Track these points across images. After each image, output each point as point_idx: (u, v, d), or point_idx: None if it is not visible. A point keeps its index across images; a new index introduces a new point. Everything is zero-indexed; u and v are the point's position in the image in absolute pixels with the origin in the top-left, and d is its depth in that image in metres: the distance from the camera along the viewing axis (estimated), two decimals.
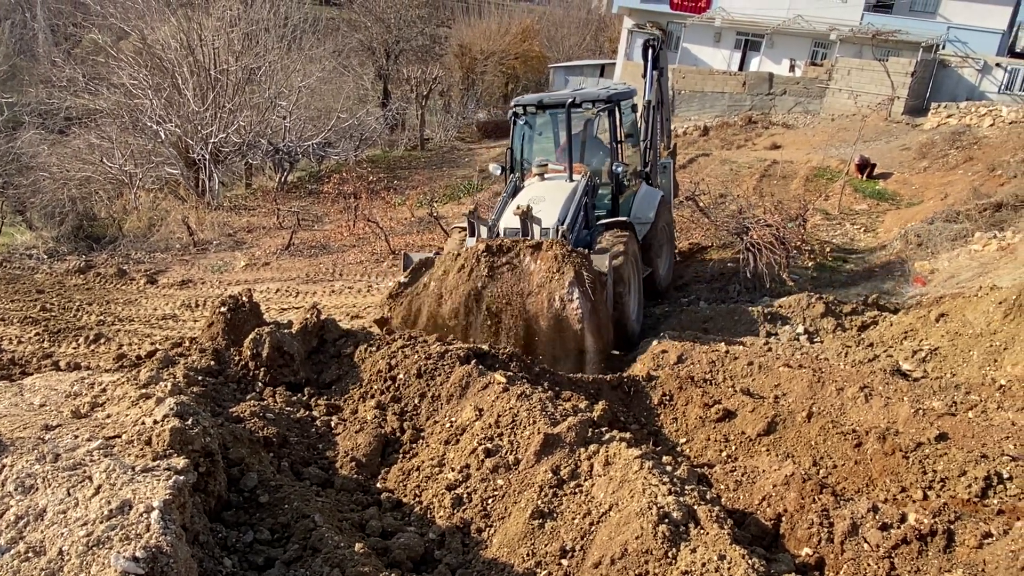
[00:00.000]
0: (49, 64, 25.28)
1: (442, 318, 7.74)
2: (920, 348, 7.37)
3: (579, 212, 8.91)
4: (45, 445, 3.29)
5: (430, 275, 8.16)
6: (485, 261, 7.76)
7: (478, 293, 7.63)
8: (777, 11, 31.12)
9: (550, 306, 7.30)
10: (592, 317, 7.28)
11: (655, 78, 11.46)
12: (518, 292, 7.52)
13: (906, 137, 23.80)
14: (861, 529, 3.79)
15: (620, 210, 9.72)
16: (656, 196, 10.41)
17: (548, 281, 7.42)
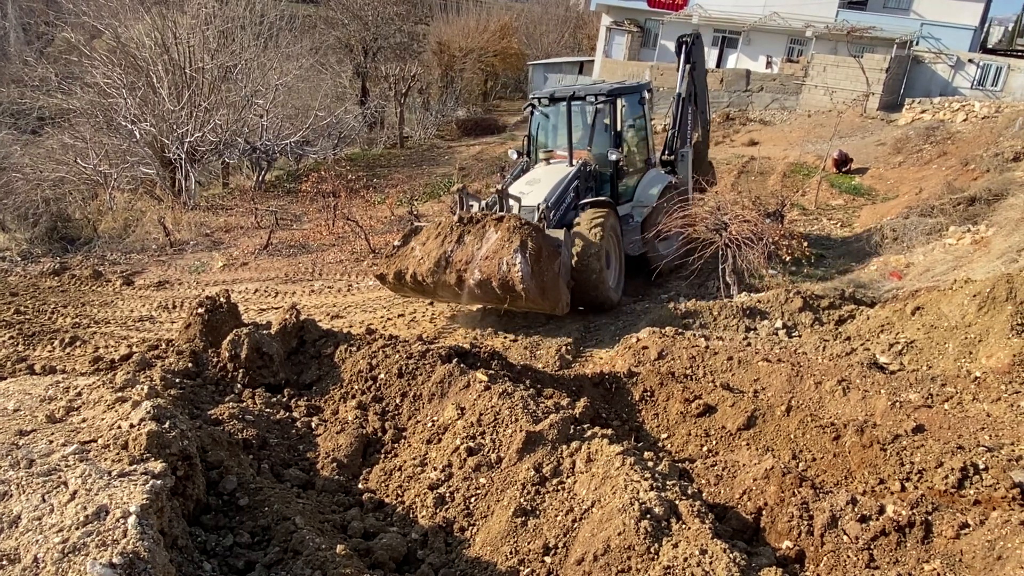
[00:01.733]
0: (21, 63, 24.89)
1: (421, 276, 9.06)
2: (896, 341, 7.46)
3: (566, 193, 10.31)
4: (19, 451, 3.23)
5: (416, 240, 9.58)
6: (457, 229, 9.14)
7: (448, 256, 8.96)
8: (753, 8, 31.34)
9: (498, 269, 8.55)
10: (534, 279, 8.51)
11: (687, 73, 12.53)
12: (477, 256, 8.78)
13: (881, 133, 24.09)
14: (840, 521, 3.83)
15: (619, 193, 11.17)
16: (662, 182, 11.66)
17: (500, 248, 8.68)
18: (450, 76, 39.69)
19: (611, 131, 11.20)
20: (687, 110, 12.81)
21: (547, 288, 8.72)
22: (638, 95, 11.79)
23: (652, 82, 13.39)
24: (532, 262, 8.53)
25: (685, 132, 12.87)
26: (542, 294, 8.69)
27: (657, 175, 11.95)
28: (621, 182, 11.39)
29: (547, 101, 11.54)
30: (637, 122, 11.93)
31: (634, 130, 11.92)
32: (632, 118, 11.82)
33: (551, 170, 11.06)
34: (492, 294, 8.83)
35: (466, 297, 9.22)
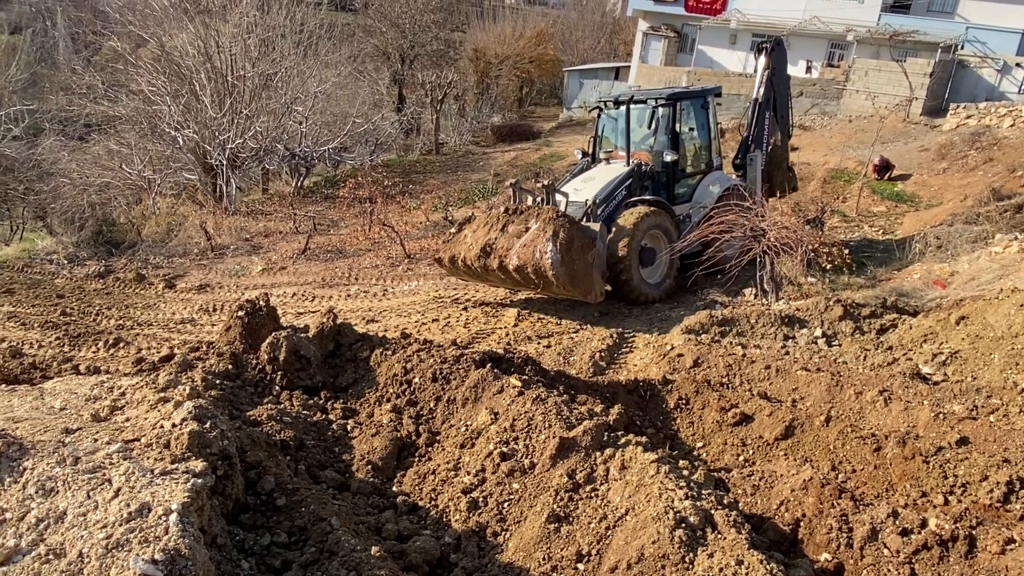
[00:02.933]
0: (69, 72, 25.62)
1: (470, 260, 10.04)
2: (940, 351, 7.29)
3: (616, 191, 10.93)
4: (65, 448, 3.32)
5: (469, 228, 10.65)
6: (502, 219, 10.11)
7: (492, 243, 9.93)
8: (793, 12, 30.96)
9: (532, 256, 9.38)
10: (564, 267, 9.25)
11: (765, 77, 12.76)
12: (516, 244, 9.63)
13: (925, 138, 23.58)
14: (881, 534, 3.75)
15: (677, 194, 11.67)
16: (723, 184, 11.97)
17: (536, 237, 9.50)
18: (486, 83, 39.90)
19: (669, 134, 11.57)
20: (764, 115, 13.00)
21: (577, 276, 9.46)
22: (702, 99, 12.09)
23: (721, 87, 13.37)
24: (563, 251, 9.29)
25: (760, 137, 13.00)
26: (572, 281, 9.42)
27: (719, 177, 12.22)
28: (679, 183, 11.80)
29: (612, 104, 12.06)
30: (700, 125, 12.23)
31: (696, 133, 12.26)
32: (695, 121, 12.17)
33: (608, 169, 11.67)
34: (528, 279, 9.64)
35: (507, 281, 10.19)
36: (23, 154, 20.50)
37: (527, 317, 10.56)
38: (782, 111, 13.46)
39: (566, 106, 39.39)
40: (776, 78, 13.05)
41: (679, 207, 11.67)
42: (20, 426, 3.81)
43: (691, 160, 12.19)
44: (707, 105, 12.13)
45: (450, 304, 11.44)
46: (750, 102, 13.20)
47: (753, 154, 12.90)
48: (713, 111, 12.34)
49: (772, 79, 12.91)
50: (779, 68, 13.13)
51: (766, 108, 13.02)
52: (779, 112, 13.35)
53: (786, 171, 13.98)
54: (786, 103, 13.68)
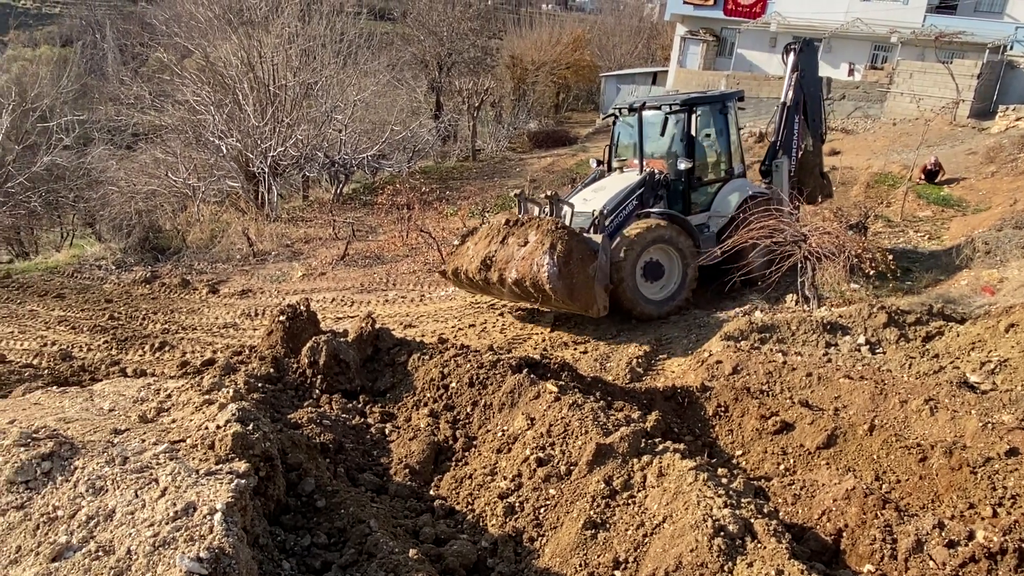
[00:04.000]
0: (118, 83, 26.31)
1: (472, 273, 9.92)
2: (989, 359, 7.09)
3: (626, 201, 10.57)
4: (114, 448, 3.42)
5: (471, 240, 10.50)
6: (503, 231, 9.92)
7: (492, 255, 9.74)
8: (835, 14, 30.47)
9: (530, 269, 9.18)
10: (561, 280, 9.04)
11: (794, 80, 12.23)
12: (516, 257, 9.45)
13: (972, 141, 23.00)
14: (926, 546, 3.66)
15: (693, 202, 11.31)
16: (743, 192, 11.52)
17: (534, 249, 9.30)
18: (522, 89, 40.02)
19: (684, 141, 11.18)
20: (793, 119, 12.49)
21: (576, 289, 9.21)
22: (719, 104, 11.67)
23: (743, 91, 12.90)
24: (560, 264, 9.07)
25: (789, 142, 12.50)
26: (570, 295, 9.21)
27: (739, 185, 11.75)
28: (696, 192, 11.41)
29: (627, 111, 11.70)
30: (719, 132, 11.82)
31: (715, 139, 11.87)
32: (713, 128, 11.77)
33: (620, 178, 11.33)
34: (528, 293, 9.48)
35: (508, 294, 10.02)
36: (73, 163, 21.11)
37: (564, 323, 10.56)
38: (813, 115, 12.95)
39: (603, 112, 39.27)
40: (805, 80, 12.54)
41: (696, 216, 11.30)
42: (71, 427, 3.94)
43: (709, 168, 11.77)
44: (726, 110, 11.70)
45: (487, 309, 11.48)
46: (777, 106, 12.71)
47: (779, 160, 12.39)
48: (734, 116, 11.93)
49: (801, 81, 12.42)
50: (808, 70, 12.59)
51: (795, 112, 12.52)
52: (810, 116, 12.84)
53: (819, 177, 13.44)
54: (818, 106, 13.16)
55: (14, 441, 3.31)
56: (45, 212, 20.80)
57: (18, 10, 65.00)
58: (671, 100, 11.34)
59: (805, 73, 12.41)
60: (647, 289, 10.45)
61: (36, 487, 3.11)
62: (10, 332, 11.11)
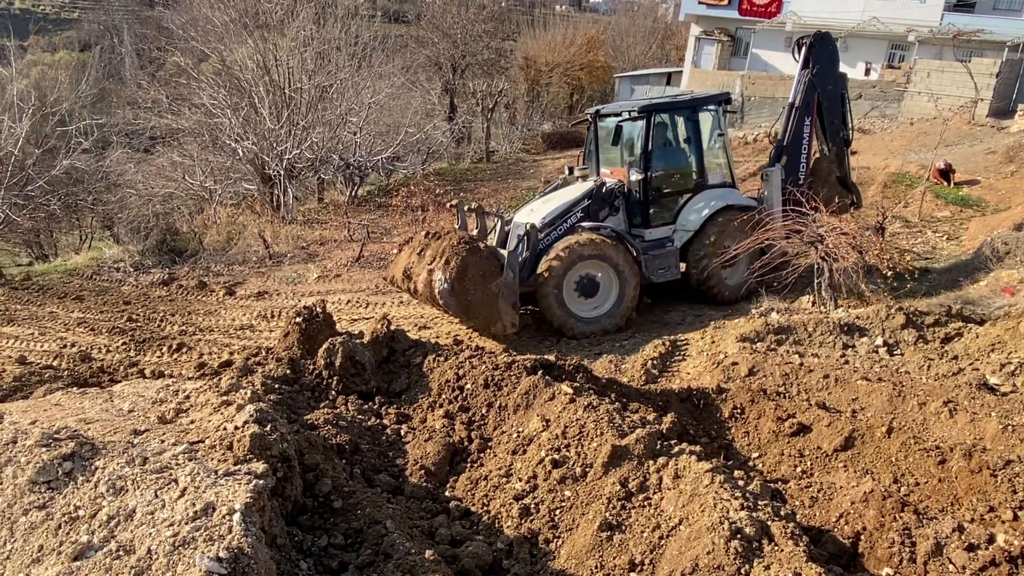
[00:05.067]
0: (135, 86, 26.59)
1: (399, 283, 10.33)
2: (1009, 361, 7.01)
3: (569, 213, 10.29)
4: (134, 449, 3.45)
5: (405, 249, 10.62)
6: (422, 244, 10.10)
7: (411, 267, 9.97)
8: (851, 13, 30.24)
9: (427, 283, 9.39)
10: (454, 296, 9.10)
11: (805, 79, 11.37)
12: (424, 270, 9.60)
13: (991, 140, 22.75)
14: (946, 549, 3.63)
15: (654, 214, 10.73)
16: (713, 205, 10.70)
17: (432, 265, 9.45)
18: (536, 90, 40.04)
19: (641, 150, 10.59)
20: (802, 122, 11.59)
21: (474, 306, 9.21)
22: (688, 110, 10.94)
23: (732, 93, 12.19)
24: (454, 280, 9.07)
25: (797, 147, 11.58)
26: (466, 311, 9.29)
27: (712, 196, 10.87)
28: (657, 203, 10.76)
29: (597, 117, 11.24)
30: (686, 139, 11.08)
31: (681, 147, 11.17)
32: (679, 135, 11.13)
33: (573, 188, 10.90)
34: (437, 305, 9.67)
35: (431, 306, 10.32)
36: (92, 166, 21.34)
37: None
38: (831, 117, 11.89)
39: None
40: (819, 78, 11.54)
41: (657, 230, 10.71)
42: (91, 427, 3.98)
43: (675, 178, 11.00)
44: (696, 117, 10.85)
45: None
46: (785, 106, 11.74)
47: (771, 169, 11.47)
48: (716, 121, 11.13)
49: (813, 79, 11.46)
50: (823, 67, 11.58)
51: (805, 114, 11.57)
52: (826, 118, 11.85)
53: (836, 186, 12.15)
54: (837, 107, 12.01)
55: (36, 441, 3.36)
56: (64, 215, 21.03)
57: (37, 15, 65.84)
58: (628, 106, 10.86)
59: (819, 70, 11.52)
60: (579, 306, 10.05)
61: (58, 487, 3.15)
62: (30, 334, 11.25)
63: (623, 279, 10.06)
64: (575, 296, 10.04)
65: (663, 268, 10.51)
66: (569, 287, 9.94)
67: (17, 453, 3.30)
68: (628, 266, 10.04)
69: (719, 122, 11.23)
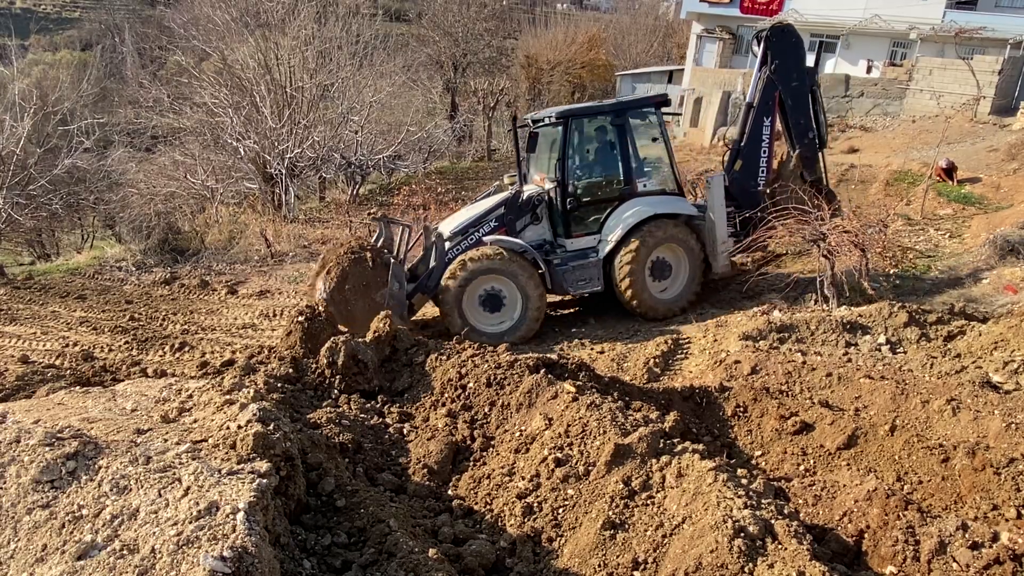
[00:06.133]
0: (137, 86, 26.56)
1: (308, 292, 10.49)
2: (1012, 359, 7.01)
3: (481, 223, 10.13)
4: (137, 448, 3.45)
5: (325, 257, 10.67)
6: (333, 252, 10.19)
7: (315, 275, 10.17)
8: (853, 11, 30.19)
9: (313, 292, 9.67)
10: (335, 305, 9.04)
11: (763, 76, 10.76)
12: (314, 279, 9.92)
13: (994, 138, 22.71)
14: (949, 547, 3.63)
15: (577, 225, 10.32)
16: (639, 215, 10.10)
17: (317, 274, 9.80)
18: (537, 89, 39.99)
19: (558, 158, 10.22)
20: (760, 123, 10.78)
21: (357, 316, 9.15)
22: (611, 115, 10.32)
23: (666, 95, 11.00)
24: (333, 289, 9.28)
25: (755, 151, 10.75)
26: (348, 321, 9.15)
27: (639, 204, 10.22)
28: (579, 213, 10.36)
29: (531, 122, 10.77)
30: (611, 146, 10.50)
31: (606, 154, 10.65)
32: (603, 142, 10.63)
33: (496, 198, 10.62)
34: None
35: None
36: (94, 166, 21.37)
37: (585, 322, 10.54)
38: (796, 116, 10.95)
39: None
40: (780, 75, 10.71)
41: (580, 240, 10.33)
42: (95, 426, 3.98)
43: (597, 187, 10.50)
44: (622, 122, 10.22)
45: None
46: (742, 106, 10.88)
47: (714, 176, 10.65)
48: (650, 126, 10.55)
49: (772, 77, 10.69)
50: (784, 62, 10.74)
51: (763, 113, 10.76)
52: (790, 118, 10.95)
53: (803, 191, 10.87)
54: (804, 106, 11.01)
55: (39, 441, 3.36)
56: (66, 214, 21.06)
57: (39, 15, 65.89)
58: (551, 113, 10.49)
59: (778, 66, 10.75)
60: (484, 320, 9.83)
61: (61, 486, 3.15)
62: (33, 333, 11.26)
63: (524, 293, 9.79)
64: (480, 311, 9.85)
65: (583, 280, 10.14)
66: (472, 301, 9.79)
67: (21, 452, 3.30)
68: (528, 279, 9.74)
69: (655, 126, 10.67)
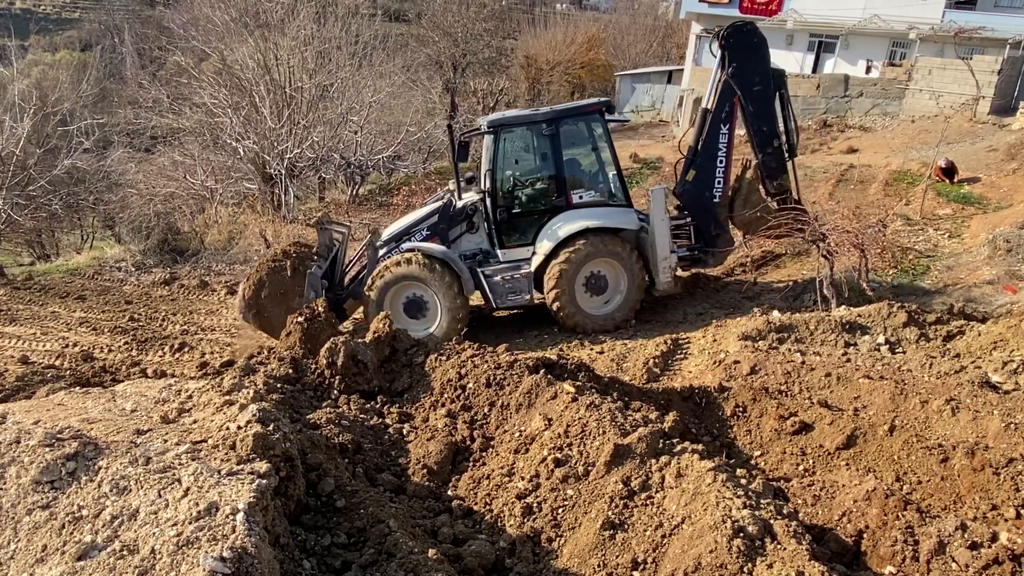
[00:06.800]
0: (136, 86, 26.58)
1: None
2: (1011, 359, 7.01)
3: (413, 230, 10.22)
4: (137, 449, 3.46)
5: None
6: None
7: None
8: (852, 11, 30.19)
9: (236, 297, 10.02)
10: (250, 311, 9.60)
11: (720, 80, 10.13)
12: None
13: (993, 138, 22.74)
14: (949, 548, 3.63)
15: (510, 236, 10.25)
16: (571, 226, 9.83)
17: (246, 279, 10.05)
18: (537, 89, 40.01)
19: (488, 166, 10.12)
20: (717, 129, 10.10)
21: (273, 321, 9.38)
22: (543, 125, 9.94)
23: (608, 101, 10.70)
24: (250, 296, 9.58)
25: (713, 159, 10.13)
26: (264, 327, 9.67)
27: (574, 216, 9.93)
28: (510, 223, 10.19)
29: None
30: (543, 156, 10.27)
31: (537, 165, 10.46)
32: (534, 152, 10.45)
33: (432, 205, 10.71)
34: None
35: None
36: (93, 166, 21.36)
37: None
38: (759, 123, 10.19)
39: (618, 111, 39.18)
40: (739, 79, 9.98)
41: (514, 251, 10.15)
42: (94, 427, 3.99)
43: (528, 197, 10.31)
44: (553, 131, 9.87)
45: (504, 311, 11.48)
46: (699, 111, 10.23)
47: (656, 188, 10.10)
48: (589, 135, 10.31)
49: (730, 81, 10.00)
50: (744, 65, 10.00)
51: (721, 121, 10.05)
52: (752, 124, 10.21)
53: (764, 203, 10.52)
54: (768, 111, 10.22)
55: (39, 441, 3.36)
56: (66, 215, 21.05)
57: (39, 15, 65.87)
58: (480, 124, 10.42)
59: (737, 68, 10.00)
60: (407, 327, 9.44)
61: (61, 487, 3.16)
62: (33, 333, 11.26)
63: (441, 300, 9.74)
64: (404, 317, 9.82)
65: (513, 292, 10.05)
66: (397, 306, 9.79)
67: (21, 453, 3.30)
68: (443, 288, 9.68)
69: (597, 134, 10.39)
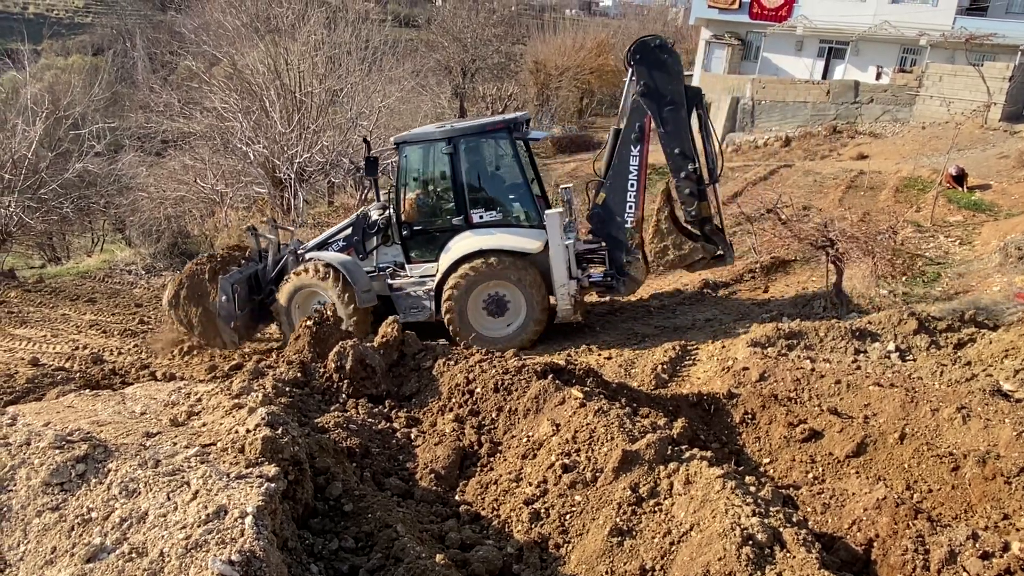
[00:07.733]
0: (147, 91, 26.71)
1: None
2: (1022, 367, 6.96)
3: (330, 242, 10.61)
4: (146, 451, 3.47)
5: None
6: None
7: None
8: (862, 17, 30.17)
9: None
10: (174, 312, 10.07)
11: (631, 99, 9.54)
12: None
13: (1004, 145, 22.63)
14: (960, 557, 3.60)
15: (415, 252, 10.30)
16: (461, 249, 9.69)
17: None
18: (546, 94, 40.08)
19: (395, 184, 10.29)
20: (627, 152, 9.47)
21: (192, 323, 10.02)
22: (442, 143, 9.73)
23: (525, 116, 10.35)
24: (171, 298, 10.08)
25: (623, 184, 9.53)
26: (185, 327, 10.14)
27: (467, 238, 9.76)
28: (416, 240, 10.21)
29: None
30: (443, 175, 10.16)
31: (439, 183, 10.36)
32: (437, 170, 10.27)
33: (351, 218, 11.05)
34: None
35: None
36: (104, 170, 21.47)
37: (592, 328, 10.52)
38: (672, 145, 9.43)
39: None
40: (650, 98, 9.30)
41: (421, 267, 10.17)
42: (104, 429, 4.01)
43: (432, 215, 10.28)
44: (454, 150, 9.64)
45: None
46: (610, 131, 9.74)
47: (551, 212, 9.62)
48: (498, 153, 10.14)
49: (640, 100, 9.34)
50: (654, 83, 9.30)
51: (631, 143, 9.41)
52: (665, 147, 9.50)
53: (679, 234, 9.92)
54: (682, 133, 9.45)
55: (49, 443, 3.38)
56: (77, 218, 21.16)
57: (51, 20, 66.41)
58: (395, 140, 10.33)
59: (646, 87, 9.33)
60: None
61: (71, 489, 3.17)
62: (43, 336, 11.32)
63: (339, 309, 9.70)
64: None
65: (414, 308, 10.20)
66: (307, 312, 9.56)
67: (31, 455, 3.32)
68: (342, 299, 9.78)
69: (506, 153, 10.16)
